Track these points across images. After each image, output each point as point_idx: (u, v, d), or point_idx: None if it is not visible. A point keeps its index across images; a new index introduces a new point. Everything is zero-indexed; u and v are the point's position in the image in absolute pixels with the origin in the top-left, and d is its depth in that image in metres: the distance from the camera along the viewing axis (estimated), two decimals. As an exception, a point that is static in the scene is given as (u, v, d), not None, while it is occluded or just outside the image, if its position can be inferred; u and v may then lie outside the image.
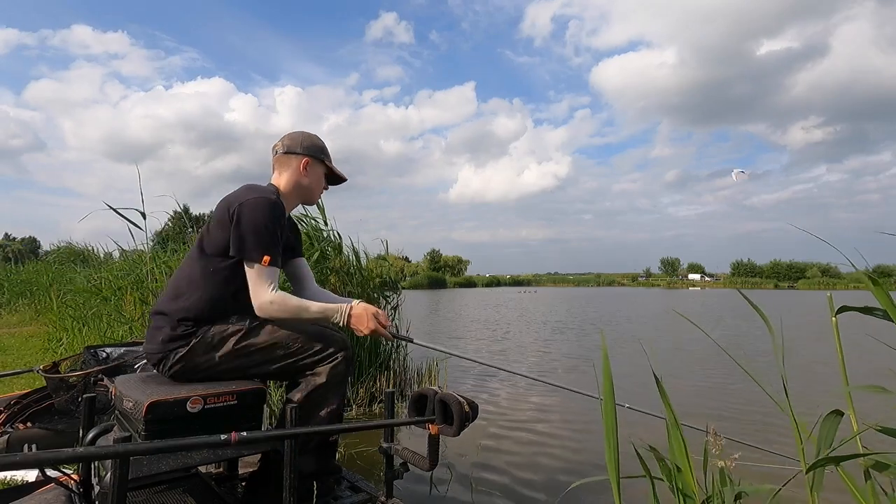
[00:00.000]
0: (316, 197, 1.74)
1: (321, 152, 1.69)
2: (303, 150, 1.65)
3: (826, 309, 0.96)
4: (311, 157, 1.65)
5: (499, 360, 6.53)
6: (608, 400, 0.88)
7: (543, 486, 2.62)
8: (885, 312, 0.82)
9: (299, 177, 1.65)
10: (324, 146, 1.71)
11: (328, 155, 1.72)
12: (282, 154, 1.65)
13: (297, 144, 1.65)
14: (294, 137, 1.68)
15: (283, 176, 1.65)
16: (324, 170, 1.70)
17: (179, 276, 1.52)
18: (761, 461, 2.93)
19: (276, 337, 1.49)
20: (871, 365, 5.78)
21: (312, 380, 1.50)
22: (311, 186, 1.68)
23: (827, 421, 0.90)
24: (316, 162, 1.67)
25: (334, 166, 1.73)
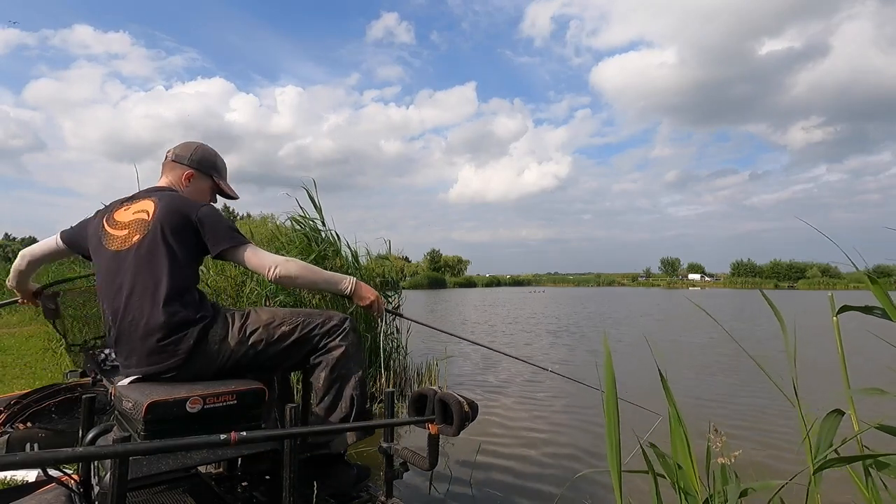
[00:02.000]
0: None
1: (211, 167, 1.68)
2: (189, 161, 1.65)
3: (825, 308, 0.96)
4: (195, 171, 1.65)
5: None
6: (610, 397, 0.88)
7: (544, 486, 2.62)
8: (884, 311, 0.82)
9: (181, 187, 1.64)
10: (216, 162, 1.70)
11: (219, 171, 1.71)
12: (171, 161, 1.66)
13: (186, 156, 1.65)
14: (186, 147, 1.68)
15: (167, 179, 1.65)
16: (210, 184, 1.69)
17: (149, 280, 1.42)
18: (762, 460, 2.94)
19: (279, 314, 1.53)
20: (872, 364, 5.78)
21: (331, 355, 1.54)
22: (194, 198, 1.63)
23: (827, 420, 0.90)
24: (201, 176, 1.66)
25: (224, 184, 1.72)
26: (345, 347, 1.55)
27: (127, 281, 1.43)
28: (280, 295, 3.78)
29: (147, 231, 1.46)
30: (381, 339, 4.42)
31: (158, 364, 1.40)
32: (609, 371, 0.91)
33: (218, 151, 1.74)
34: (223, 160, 1.75)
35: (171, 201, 1.51)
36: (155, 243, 1.44)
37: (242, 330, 1.47)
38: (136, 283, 1.42)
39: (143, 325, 1.40)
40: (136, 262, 1.44)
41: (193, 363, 1.41)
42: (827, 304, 0.99)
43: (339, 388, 1.54)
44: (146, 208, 1.50)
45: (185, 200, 1.54)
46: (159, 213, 1.48)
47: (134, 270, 1.43)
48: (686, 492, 0.98)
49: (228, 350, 1.45)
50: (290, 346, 1.52)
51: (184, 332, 1.40)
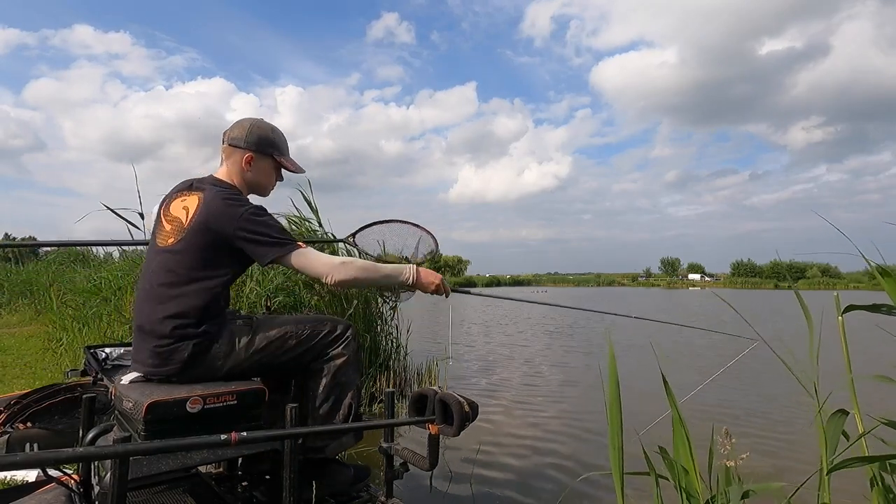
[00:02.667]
0: (265, 191, 1.67)
1: (269, 146, 1.59)
2: (246, 144, 1.55)
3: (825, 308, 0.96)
4: (254, 153, 1.56)
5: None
6: (613, 398, 0.88)
7: (544, 486, 2.62)
8: (891, 308, 0.82)
9: (243, 172, 1.57)
10: (273, 139, 1.60)
11: (279, 147, 1.62)
12: (227, 145, 1.57)
13: (242, 137, 1.56)
14: (241, 128, 1.58)
15: (231, 170, 1.58)
16: (272, 163, 1.61)
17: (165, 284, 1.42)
18: (763, 459, 2.93)
19: (285, 328, 1.51)
20: (876, 364, 5.78)
21: (333, 363, 1.54)
22: (258, 181, 1.61)
23: (832, 420, 0.89)
24: (261, 156, 1.58)
25: (286, 160, 1.63)
26: (347, 356, 1.56)
27: (152, 279, 1.46)
28: (279, 295, 3.78)
29: (182, 236, 1.44)
30: (381, 338, 4.42)
31: (157, 367, 1.40)
32: (612, 372, 0.91)
33: (274, 126, 1.62)
34: (281, 133, 1.64)
35: (212, 205, 1.44)
36: (183, 254, 1.43)
37: (249, 347, 1.46)
38: (157, 283, 1.44)
39: (148, 326, 1.42)
40: (163, 264, 1.45)
41: (191, 372, 1.41)
42: (826, 304, 0.99)
43: (339, 395, 1.54)
44: (190, 206, 1.47)
45: (224, 206, 1.44)
46: (197, 220, 1.43)
47: (160, 270, 1.45)
48: (688, 493, 0.98)
49: (231, 364, 1.45)
50: (295, 357, 1.52)
51: (181, 343, 1.39)
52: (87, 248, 9.93)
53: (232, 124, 1.61)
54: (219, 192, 1.48)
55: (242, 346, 1.46)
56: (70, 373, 2.54)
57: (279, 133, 1.63)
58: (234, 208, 1.45)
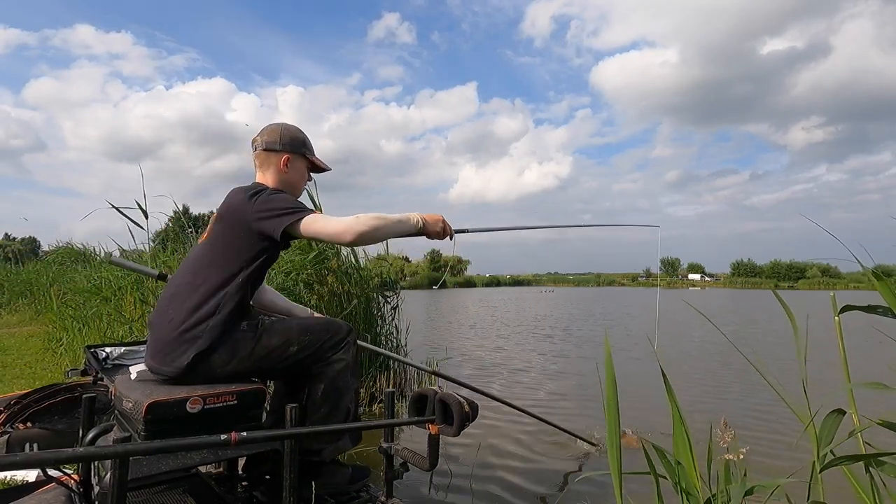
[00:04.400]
0: (299, 192, 1.72)
1: (302, 146, 1.65)
2: (282, 146, 1.61)
3: (824, 308, 0.96)
4: (291, 154, 1.62)
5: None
6: (610, 396, 0.88)
7: (544, 486, 2.62)
8: (887, 310, 0.82)
9: (281, 174, 1.62)
10: (304, 138, 1.66)
11: (309, 147, 1.68)
12: (261, 151, 1.62)
13: (276, 141, 1.61)
14: (273, 132, 1.63)
15: (267, 174, 1.62)
16: (305, 163, 1.68)
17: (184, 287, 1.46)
18: (761, 459, 2.93)
19: (288, 335, 1.51)
20: (874, 364, 5.78)
21: (333, 367, 1.55)
22: (294, 181, 1.66)
23: (828, 420, 0.90)
24: (297, 157, 1.64)
25: (316, 158, 1.70)
26: (347, 361, 1.57)
27: (176, 278, 1.52)
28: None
29: (207, 235, 1.51)
30: (381, 338, 4.42)
31: (161, 365, 1.41)
32: (609, 371, 0.91)
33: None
34: (305, 133, 1.69)
35: (234, 196, 1.50)
36: (205, 249, 1.49)
37: (251, 356, 1.46)
38: (178, 280, 1.49)
39: (157, 323, 1.45)
40: (190, 262, 1.51)
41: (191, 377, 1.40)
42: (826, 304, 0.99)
43: (337, 399, 1.55)
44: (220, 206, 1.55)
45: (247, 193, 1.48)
46: (219, 211, 1.50)
47: (185, 268, 1.51)
48: (687, 492, 0.98)
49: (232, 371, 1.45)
50: (297, 363, 1.53)
51: (185, 346, 1.39)
52: (88, 247, 9.94)
53: (260, 131, 1.65)
54: (243, 187, 1.54)
55: (245, 354, 1.45)
56: (70, 373, 2.54)
57: (305, 134, 1.68)
58: (251, 194, 1.48)
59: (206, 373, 1.41)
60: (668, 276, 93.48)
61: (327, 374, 1.54)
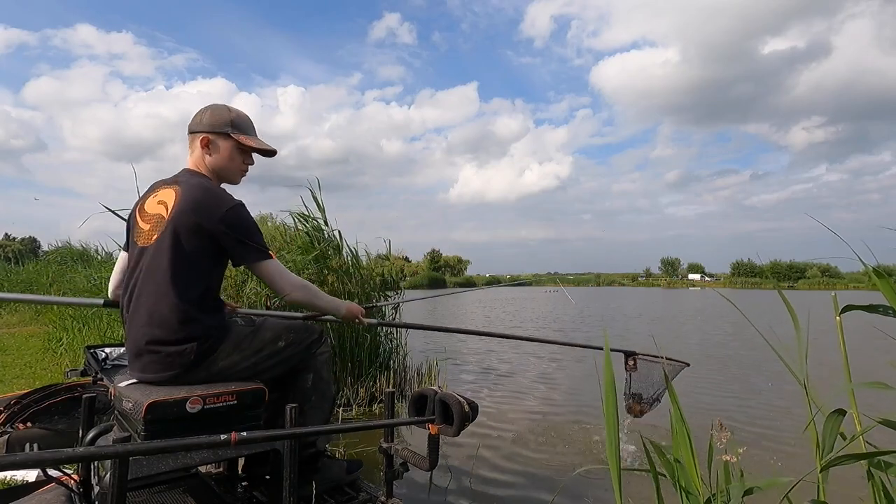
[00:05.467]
0: (234, 177, 1.59)
1: (226, 125, 1.51)
2: (201, 126, 1.51)
3: (825, 308, 0.96)
4: (209, 133, 1.50)
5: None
6: (609, 395, 0.88)
7: (544, 485, 2.62)
8: (888, 309, 0.82)
9: (202, 157, 1.51)
10: (230, 117, 1.52)
11: (239, 126, 1.53)
12: (188, 133, 1.54)
13: (198, 122, 1.52)
14: (198, 114, 1.53)
15: (192, 158, 1.53)
16: (231, 143, 1.52)
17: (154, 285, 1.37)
18: (761, 459, 2.93)
19: (277, 330, 1.56)
20: (873, 363, 5.78)
21: (317, 360, 1.64)
22: (221, 165, 1.53)
23: (830, 419, 0.90)
24: (217, 136, 1.50)
25: (244, 138, 1.53)
26: (327, 354, 1.69)
27: (140, 281, 1.40)
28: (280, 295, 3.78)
29: (163, 230, 1.38)
30: (381, 338, 4.42)
31: (155, 373, 1.37)
32: (608, 369, 0.91)
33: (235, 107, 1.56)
34: (243, 113, 1.57)
35: (191, 196, 1.40)
36: (167, 247, 1.37)
37: (249, 350, 1.48)
38: (146, 286, 1.38)
39: (140, 333, 1.37)
40: (150, 263, 1.39)
41: (191, 376, 1.39)
42: (825, 303, 0.99)
43: (325, 388, 1.66)
44: (167, 200, 1.42)
45: (207, 198, 1.41)
46: (176, 210, 1.38)
47: (147, 272, 1.39)
48: (687, 491, 0.98)
49: (230, 367, 1.45)
50: (287, 359, 1.58)
51: (182, 346, 1.36)
52: (87, 246, 9.94)
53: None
54: (199, 182, 1.45)
55: (246, 346, 1.48)
56: (70, 373, 2.54)
57: (240, 113, 1.56)
58: (217, 201, 1.41)
59: (209, 367, 1.41)
60: (668, 276, 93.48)
61: (315, 365, 1.63)
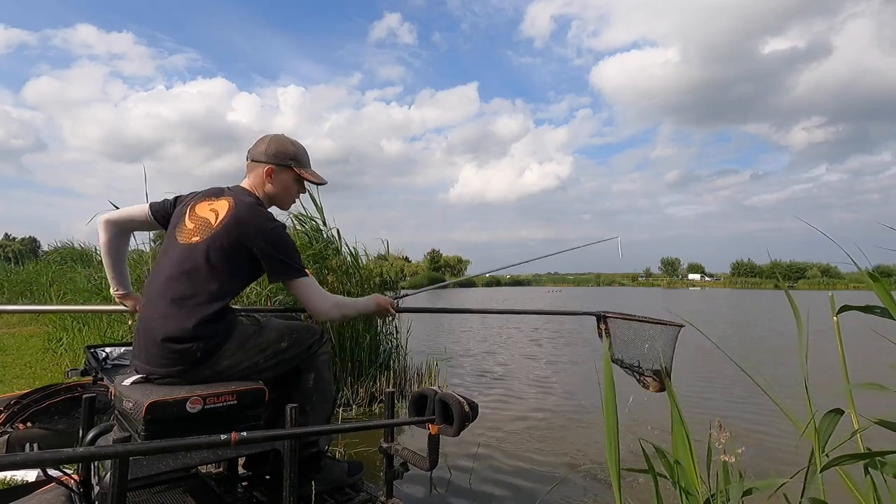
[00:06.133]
0: (285, 204, 1.73)
1: (288, 158, 1.65)
2: (266, 157, 1.62)
3: (825, 308, 0.96)
4: (274, 165, 1.62)
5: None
6: (608, 394, 0.88)
7: (544, 485, 2.62)
8: (884, 310, 0.82)
9: (263, 184, 1.64)
10: (293, 151, 1.66)
11: (299, 159, 1.67)
12: (250, 161, 1.65)
13: (262, 152, 1.63)
14: (261, 143, 1.66)
15: (250, 181, 1.65)
16: (292, 176, 1.67)
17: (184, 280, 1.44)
18: (760, 460, 2.93)
19: (280, 331, 1.58)
20: (873, 364, 5.78)
21: (318, 360, 1.66)
22: (278, 193, 1.67)
23: (826, 419, 0.90)
24: (281, 169, 1.64)
25: (305, 171, 1.69)
26: (327, 354, 1.72)
27: (167, 275, 1.46)
28: (280, 295, 3.79)
29: (207, 236, 1.48)
30: (381, 338, 4.42)
31: (160, 367, 1.39)
32: (608, 369, 0.91)
33: (294, 140, 1.70)
34: (301, 146, 1.70)
35: (243, 213, 1.51)
36: (206, 251, 1.45)
37: (253, 349, 1.50)
38: (173, 281, 1.44)
39: (156, 325, 1.41)
40: (183, 262, 1.46)
41: (195, 374, 1.41)
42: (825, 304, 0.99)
43: (325, 389, 1.67)
44: (219, 209, 1.53)
45: (256, 216, 1.52)
46: (227, 222, 1.49)
47: (178, 269, 1.46)
48: (686, 491, 0.98)
49: (234, 366, 1.47)
50: (289, 359, 1.59)
51: (190, 344, 1.39)
52: (88, 246, 9.95)
53: (255, 141, 1.68)
54: (251, 203, 1.56)
55: (250, 348, 1.49)
56: (70, 373, 2.54)
57: (300, 146, 1.69)
58: (264, 220, 1.53)
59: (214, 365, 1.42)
60: (668, 276, 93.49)
61: (316, 365, 1.65)
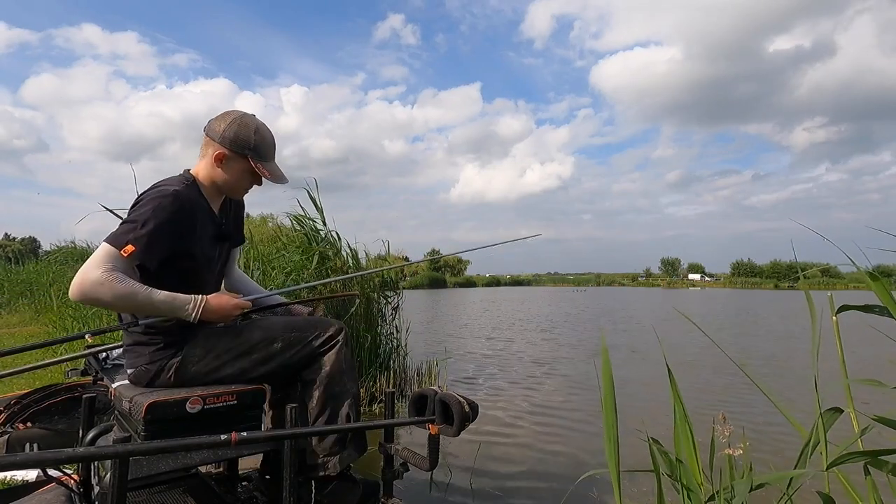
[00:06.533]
0: (237, 194, 1.51)
1: (247, 147, 1.39)
2: (221, 140, 1.38)
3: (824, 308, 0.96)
4: (227, 151, 1.38)
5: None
6: (607, 392, 0.88)
7: (543, 485, 2.62)
8: (883, 309, 0.82)
9: (212, 169, 1.41)
10: (255, 141, 1.40)
11: (259, 151, 1.41)
12: (205, 135, 1.42)
13: (219, 132, 1.38)
14: (222, 119, 1.40)
15: (200, 163, 1.43)
16: (247, 166, 1.41)
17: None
18: (760, 459, 2.93)
19: (272, 331, 1.43)
20: (872, 364, 5.78)
21: (324, 371, 1.44)
22: (228, 183, 1.43)
23: (825, 417, 0.90)
24: (235, 156, 1.40)
25: (262, 166, 1.42)
26: (339, 362, 1.45)
27: None
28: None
29: None
30: (381, 338, 4.42)
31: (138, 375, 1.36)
32: (606, 368, 0.91)
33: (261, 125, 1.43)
34: (268, 135, 1.44)
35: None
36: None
37: (229, 353, 1.38)
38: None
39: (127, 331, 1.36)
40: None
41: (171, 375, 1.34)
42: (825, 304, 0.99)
43: (334, 407, 1.44)
44: None
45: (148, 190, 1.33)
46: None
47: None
48: (689, 489, 0.98)
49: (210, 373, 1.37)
50: (285, 366, 1.43)
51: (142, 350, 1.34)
52: (89, 246, 9.95)
53: (218, 114, 1.44)
54: (164, 180, 1.39)
55: (223, 351, 1.37)
56: (70, 373, 2.54)
57: (265, 135, 1.43)
58: (148, 190, 1.33)
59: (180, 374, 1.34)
60: (669, 276, 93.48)
61: (320, 378, 1.43)
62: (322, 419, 1.44)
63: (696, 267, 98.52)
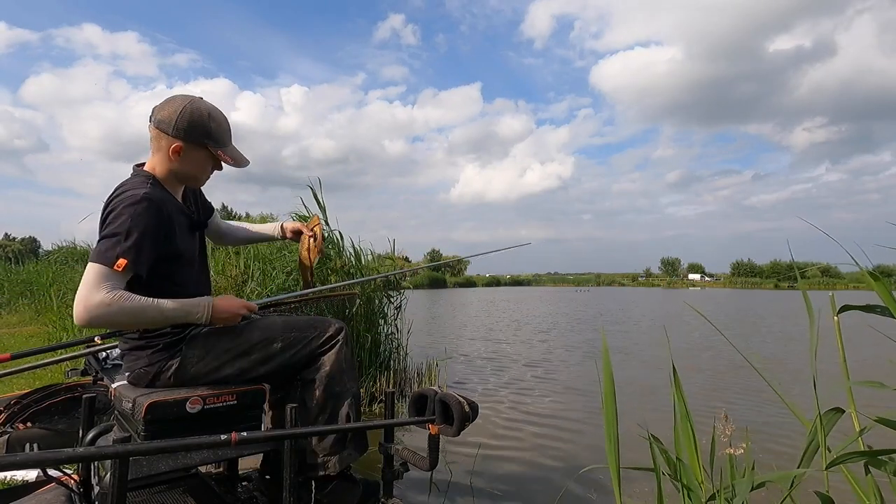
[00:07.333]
0: (198, 182, 1.46)
1: (203, 135, 1.33)
2: (175, 131, 1.30)
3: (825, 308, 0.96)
4: (183, 143, 1.32)
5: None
6: (608, 391, 0.88)
7: (543, 485, 2.62)
8: (885, 310, 0.82)
9: (169, 163, 1.34)
10: (211, 127, 1.34)
11: (215, 136, 1.36)
12: (154, 127, 1.33)
13: (170, 122, 1.30)
14: (170, 107, 1.32)
15: (155, 157, 1.36)
16: (206, 154, 1.37)
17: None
18: (760, 459, 2.92)
19: (271, 331, 1.42)
20: (872, 364, 5.78)
21: (324, 370, 1.44)
22: (189, 174, 1.39)
23: (826, 418, 0.90)
24: (193, 146, 1.34)
25: (222, 152, 1.38)
26: (339, 361, 1.45)
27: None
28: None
29: None
30: (381, 338, 4.42)
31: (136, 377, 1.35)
32: (607, 367, 0.91)
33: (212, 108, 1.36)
34: (221, 117, 1.39)
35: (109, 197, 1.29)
36: None
37: (228, 353, 1.37)
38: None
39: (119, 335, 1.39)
40: None
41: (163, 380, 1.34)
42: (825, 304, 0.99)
43: (334, 407, 1.44)
44: None
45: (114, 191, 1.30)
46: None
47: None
48: (689, 488, 0.98)
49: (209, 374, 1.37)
50: (284, 366, 1.43)
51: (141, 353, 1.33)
52: (89, 247, 9.95)
53: (163, 101, 1.35)
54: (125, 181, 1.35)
55: (222, 351, 1.36)
56: (70, 373, 2.54)
57: (219, 119, 1.38)
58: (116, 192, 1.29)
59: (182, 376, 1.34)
60: (669, 276, 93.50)
61: (320, 378, 1.43)
62: (322, 419, 1.44)
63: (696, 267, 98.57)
